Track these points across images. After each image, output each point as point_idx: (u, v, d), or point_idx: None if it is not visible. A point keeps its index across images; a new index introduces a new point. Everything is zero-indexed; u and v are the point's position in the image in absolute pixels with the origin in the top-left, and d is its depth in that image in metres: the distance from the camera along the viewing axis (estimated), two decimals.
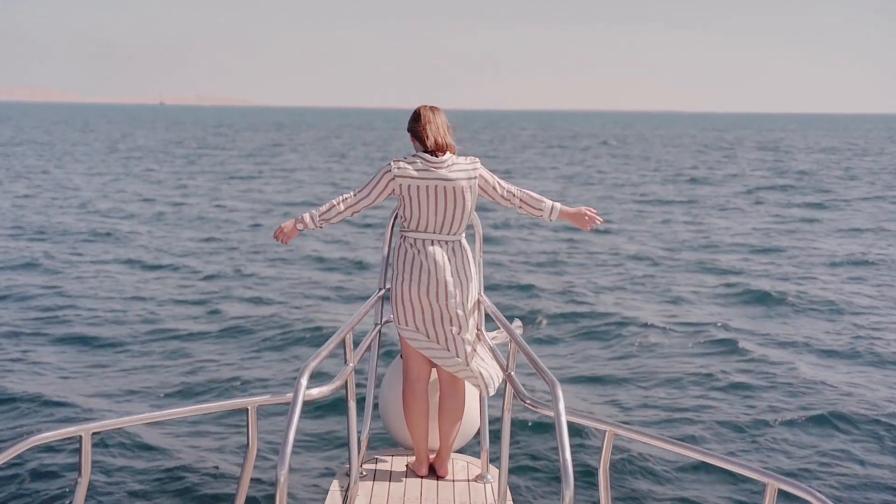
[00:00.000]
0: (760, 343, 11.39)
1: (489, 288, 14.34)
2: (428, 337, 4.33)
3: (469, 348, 4.36)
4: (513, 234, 20.90)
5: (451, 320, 4.31)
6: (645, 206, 27.64)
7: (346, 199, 4.33)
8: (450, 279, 4.28)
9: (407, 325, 4.34)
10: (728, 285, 14.99)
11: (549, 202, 4.42)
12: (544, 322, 12.36)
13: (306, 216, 4.34)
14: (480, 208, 20.86)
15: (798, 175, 39.35)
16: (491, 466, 4.63)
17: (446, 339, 4.32)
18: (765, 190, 32.59)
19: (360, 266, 16.54)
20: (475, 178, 4.30)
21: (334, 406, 8.54)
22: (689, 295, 14.26)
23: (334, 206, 4.33)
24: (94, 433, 3.08)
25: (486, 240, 19.58)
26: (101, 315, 12.44)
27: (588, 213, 4.46)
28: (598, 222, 4.48)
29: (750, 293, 14.28)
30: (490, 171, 4.40)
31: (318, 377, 3.71)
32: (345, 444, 7.54)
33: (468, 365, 4.35)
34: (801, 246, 19.40)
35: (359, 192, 4.33)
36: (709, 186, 34.42)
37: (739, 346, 11.01)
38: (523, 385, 3.78)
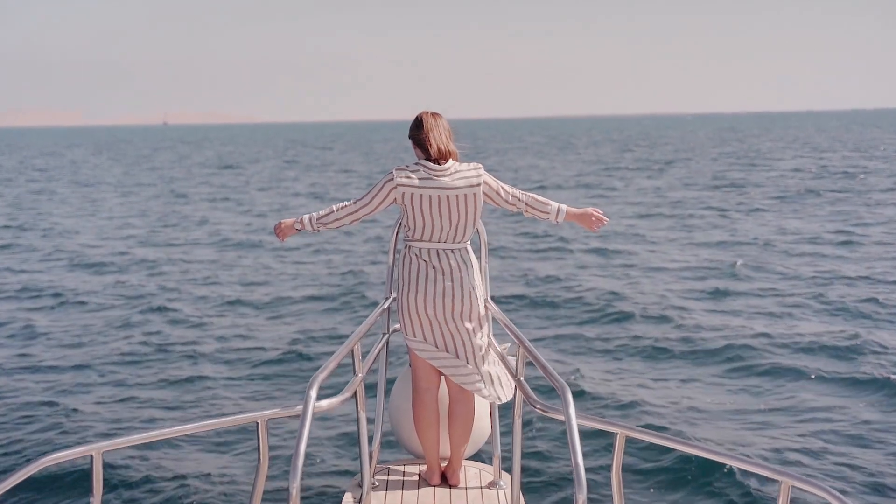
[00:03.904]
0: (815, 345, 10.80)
1: (519, 296, 14.29)
2: (436, 346, 4.31)
3: (478, 356, 4.33)
4: (559, 245, 20.34)
5: (458, 329, 4.28)
6: (685, 212, 26.10)
7: (346, 206, 4.31)
8: (456, 288, 4.25)
9: (415, 336, 4.32)
10: (791, 295, 14.05)
11: (554, 204, 4.40)
12: (587, 333, 12.10)
13: (305, 218, 4.33)
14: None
15: (840, 175, 37.37)
16: (503, 473, 4.61)
17: (455, 348, 4.30)
18: (816, 192, 30.40)
19: (367, 277, 16.50)
20: (479, 184, 4.27)
21: (345, 417, 8.51)
22: (748, 303, 13.65)
23: (333, 212, 4.32)
24: (105, 452, 3.07)
25: (534, 252, 19.34)
26: (110, 334, 12.44)
27: (595, 213, 4.45)
28: (606, 222, 4.47)
29: (814, 300, 13.52)
30: (494, 177, 4.39)
31: (327, 388, 3.69)
32: (356, 454, 7.52)
33: (478, 371, 4.32)
34: (873, 254, 17.92)
35: (359, 200, 4.31)
36: (751, 189, 32.53)
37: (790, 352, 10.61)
38: (534, 390, 3.75)
